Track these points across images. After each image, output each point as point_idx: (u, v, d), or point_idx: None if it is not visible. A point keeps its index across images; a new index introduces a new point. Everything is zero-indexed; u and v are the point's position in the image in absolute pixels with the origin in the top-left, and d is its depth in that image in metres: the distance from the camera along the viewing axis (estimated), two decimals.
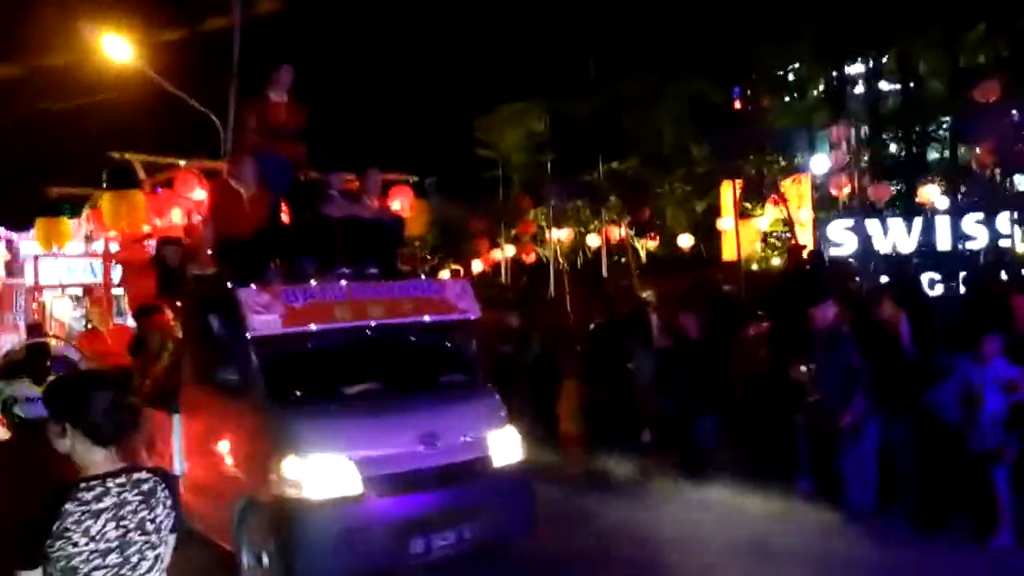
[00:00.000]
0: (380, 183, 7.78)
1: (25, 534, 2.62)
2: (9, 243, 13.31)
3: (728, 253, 20.17)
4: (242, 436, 6.09)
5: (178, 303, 7.30)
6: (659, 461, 9.16)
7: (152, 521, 2.76)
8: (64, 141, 20.50)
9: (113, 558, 2.67)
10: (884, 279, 13.76)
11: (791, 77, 22.35)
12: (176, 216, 7.72)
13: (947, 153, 22.94)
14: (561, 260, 22.29)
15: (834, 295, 8.18)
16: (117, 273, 9.03)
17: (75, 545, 2.61)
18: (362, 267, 6.95)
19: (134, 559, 2.71)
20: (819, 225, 16.96)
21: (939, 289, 13.65)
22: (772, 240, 20.61)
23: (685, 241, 20.67)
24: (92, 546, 2.63)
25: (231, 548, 6.18)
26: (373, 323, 6.52)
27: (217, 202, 7.17)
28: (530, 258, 23.87)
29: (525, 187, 26.31)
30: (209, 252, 7.09)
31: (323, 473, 5.57)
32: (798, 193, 17.13)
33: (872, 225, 15.92)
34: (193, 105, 15.64)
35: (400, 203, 8.15)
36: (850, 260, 15.30)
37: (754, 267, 20.66)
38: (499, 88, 25.82)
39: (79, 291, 11.53)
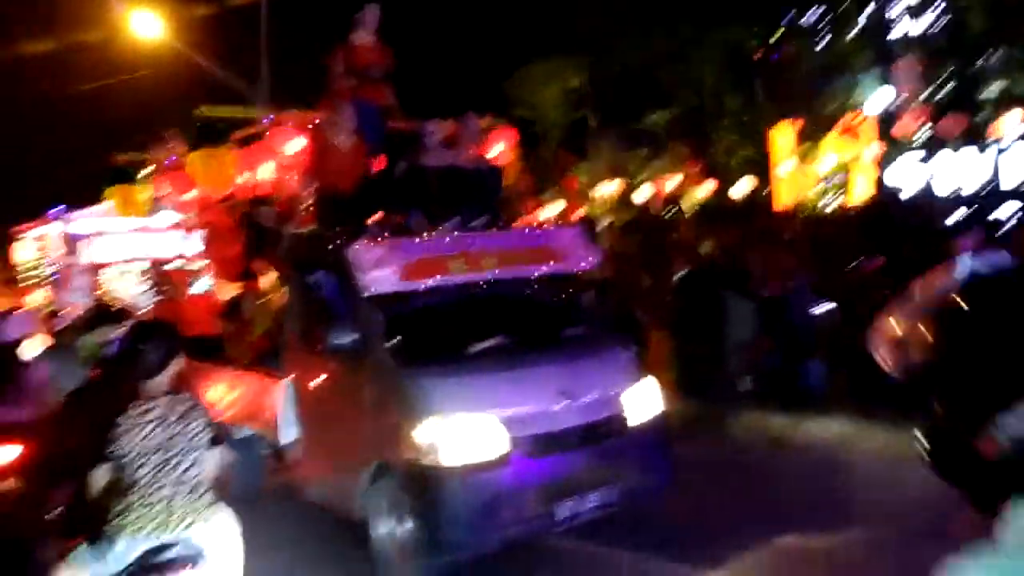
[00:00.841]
0: (479, 129, 7.30)
1: (100, 440, 3.60)
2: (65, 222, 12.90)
3: (784, 199, 19.50)
4: (366, 400, 5.67)
5: (276, 265, 6.89)
6: (762, 407, 8.81)
7: (189, 431, 3.68)
8: (101, 120, 20.09)
9: (157, 457, 3.60)
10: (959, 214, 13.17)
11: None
12: (263, 173, 7.27)
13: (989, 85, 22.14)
14: (610, 215, 21.68)
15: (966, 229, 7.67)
16: (195, 241, 8.58)
17: (128, 445, 3.58)
18: (470, 218, 6.51)
19: (175, 460, 3.63)
20: (885, 163, 16.31)
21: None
22: (830, 185, 19.90)
23: (742, 188, 19.98)
24: (141, 447, 3.58)
25: (355, 517, 5.82)
26: (492, 276, 6.09)
27: (315, 154, 6.72)
28: (577, 214, 23.25)
29: (565, 143, 25.59)
30: (306, 208, 6.67)
31: (466, 435, 5.14)
32: (864, 131, 16.43)
33: (942, 160, 15.32)
34: (223, 77, 15.18)
35: (504, 147, 7.65)
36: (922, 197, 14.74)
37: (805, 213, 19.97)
38: (532, 45, 25.00)
39: (144, 265, 11.08)
